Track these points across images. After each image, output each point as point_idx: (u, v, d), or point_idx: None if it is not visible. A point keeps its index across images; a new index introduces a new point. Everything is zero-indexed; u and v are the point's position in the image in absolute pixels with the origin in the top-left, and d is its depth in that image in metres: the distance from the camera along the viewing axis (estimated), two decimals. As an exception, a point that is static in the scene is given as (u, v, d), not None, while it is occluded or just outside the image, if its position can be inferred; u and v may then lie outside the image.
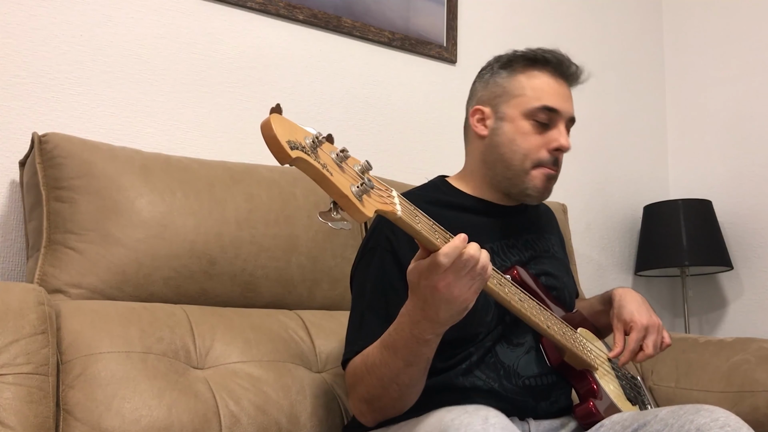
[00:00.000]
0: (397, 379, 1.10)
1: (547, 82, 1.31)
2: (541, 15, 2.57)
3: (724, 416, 1.03)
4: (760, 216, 2.57)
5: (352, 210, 0.84)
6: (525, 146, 1.29)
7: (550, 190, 1.32)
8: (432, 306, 1.00)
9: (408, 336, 1.05)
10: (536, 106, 1.28)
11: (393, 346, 1.08)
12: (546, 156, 1.29)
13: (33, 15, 1.62)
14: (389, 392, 1.12)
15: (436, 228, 0.98)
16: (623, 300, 1.35)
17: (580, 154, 2.60)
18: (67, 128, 1.58)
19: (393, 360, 1.08)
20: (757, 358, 1.75)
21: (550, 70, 1.31)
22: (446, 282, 0.97)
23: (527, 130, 1.29)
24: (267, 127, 0.78)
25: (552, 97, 1.29)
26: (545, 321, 1.19)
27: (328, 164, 0.83)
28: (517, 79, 1.32)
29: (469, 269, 0.97)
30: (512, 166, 1.30)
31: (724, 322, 2.65)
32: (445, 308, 1.00)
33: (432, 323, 1.02)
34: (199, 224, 1.47)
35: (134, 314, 1.33)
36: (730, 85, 2.70)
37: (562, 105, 1.30)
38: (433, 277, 0.97)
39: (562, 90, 1.32)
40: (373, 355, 1.12)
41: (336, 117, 2.04)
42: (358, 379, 1.16)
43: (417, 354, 1.07)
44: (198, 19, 1.84)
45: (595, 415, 1.23)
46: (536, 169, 1.29)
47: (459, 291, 0.98)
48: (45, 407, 1.14)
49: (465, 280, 0.98)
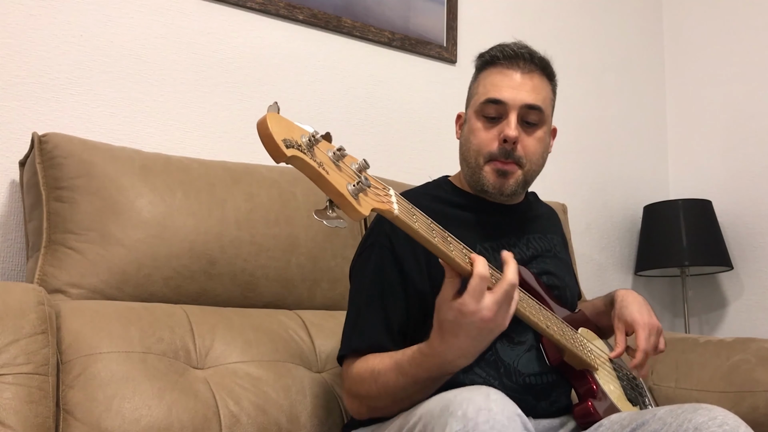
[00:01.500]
0: (411, 397, 1.11)
1: (495, 76, 1.29)
2: (541, 15, 2.57)
3: (722, 415, 1.03)
4: (760, 216, 2.57)
5: (348, 208, 0.84)
6: (476, 142, 1.29)
7: (510, 186, 1.28)
8: (475, 341, 1.02)
9: (436, 372, 1.07)
10: (482, 101, 1.29)
11: (414, 377, 1.09)
12: (496, 150, 1.27)
13: (33, 15, 1.62)
14: (400, 406, 1.13)
15: (434, 227, 0.98)
16: (625, 301, 1.36)
17: (580, 154, 2.61)
18: (67, 128, 1.58)
19: (412, 387, 1.10)
20: (757, 358, 1.75)
21: (501, 65, 1.30)
22: (492, 312, 0.99)
23: (478, 126, 1.29)
24: (263, 126, 0.78)
25: (496, 89, 1.28)
26: (544, 320, 1.19)
27: (325, 163, 0.83)
28: (476, 80, 1.34)
29: (510, 296, 1.01)
30: (470, 163, 1.31)
31: (724, 322, 2.64)
32: (488, 338, 1.03)
33: (468, 358, 1.05)
34: (199, 224, 1.47)
35: (134, 314, 1.33)
36: (730, 85, 2.70)
37: (508, 95, 1.26)
38: (481, 311, 0.99)
39: (512, 81, 1.28)
40: (386, 376, 1.12)
41: (336, 117, 2.04)
42: (366, 392, 1.16)
43: (441, 380, 1.09)
44: (198, 19, 1.84)
45: (594, 414, 1.23)
46: (488, 164, 1.28)
47: (501, 317, 1.01)
48: (45, 407, 1.14)
49: (505, 306, 1.01)
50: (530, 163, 1.29)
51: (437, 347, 1.04)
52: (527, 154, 1.28)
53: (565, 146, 2.55)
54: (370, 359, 1.16)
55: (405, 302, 1.22)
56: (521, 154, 1.27)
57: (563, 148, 2.54)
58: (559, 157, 2.51)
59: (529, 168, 1.29)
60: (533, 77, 1.29)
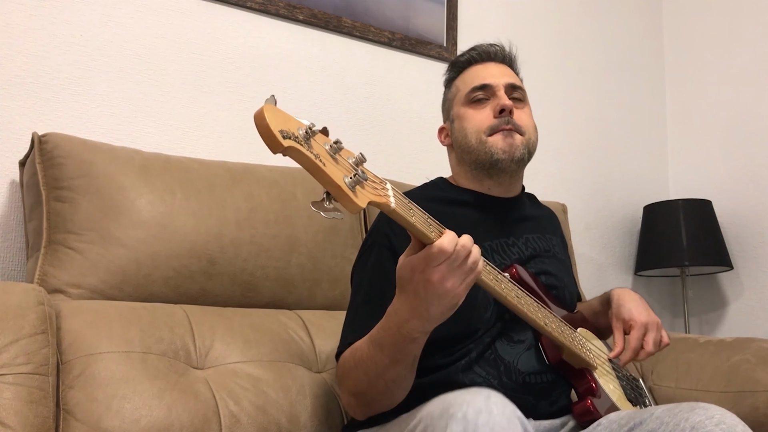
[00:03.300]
0: (383, 375, 1.11)
1: (472, 72, 1.40)
2: (541, 15, 2.57)
3: (720, 414, 1.03)
4: (760, 216, 2.57)
5: (345, 200, 0.84)
6: (473, 125, 1.35)
7: (516, 146, 1.32)
8: (423, 301, 1.00)
9: (395, 334, 1.06)
10: (467, 90, 1.37)
11: (380, 343, 1.09)
12: (495, 121, 1.33)
13: (33, 15, 1.62)
14: (376, 387, 1.13)
15: (431, 221, 0.99)
16: (621, 299, 1.36)
17: (580, 154, 2.61)
18: (67, 128, 1.58)
19: (380, 356, 1.09)
20: (757, 358, 1.75)
21: (475, 63, 1.40)
22: (440, 275, 0.97)
23: (470, 113, 1.36)
24: (260, 117, 0.78)
25: (479, 78, 1.37)
26: (543, 318, 1.19)
27: (321, 155, 0.83)
28: (453, 85, 1.43)
29: (461, 261, 0.98)
30: (472, 146, 1.34)
31: (724, 322, 2.64)
32: (436, 303, 1.00)
33: (421, 320, 1.03)
34: (199, 224, 1.47)
35: (134, 314, 1.33)
36: (730, 85, 2.70)
37: (491, 79, 1.36)
38: (427, 270, 0.97)
39: (490, 69, 1.38)
40: (360, 350, 1.14)
41: (336, 117, 2.04)
42: (347, 372, 1.18)
43: (404, 351, 1.08)
44: (198, 19, 1.84)
45: (593, 413, 1.23)
46: (491, 136, 1.33)
47: (452, 285, 0.98)
48: (45, 407, 1.14)
49: (458, 273, 0.98)
50: (528, 132, 1.35)
51: (395, 304, 1.05)
52: (523, 124, 1.34)
53: (565, 146, 2.55)
54: (354, 344, 1.18)
55: None
56: (518, 123, 1.33)
57: (563, 148, 2.54)
58: (559, 157, 2.52)
59: (528, 137, 1.35)
60: (506, 68, 1.41)
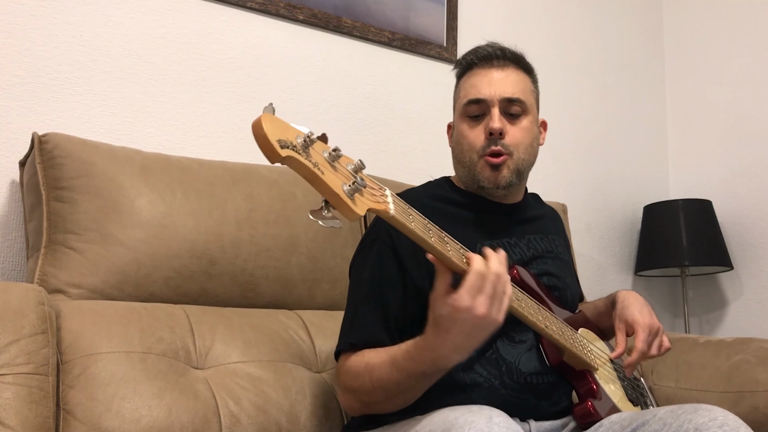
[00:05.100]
0: (405, 393, 1.12)
1: (473, 78, 1.35)
2: (541, 15, 2.57)
3: (723, 416, 1.03)
4: (760, 216, 2.57)
5: (343, 208, 0.85)
6: (466, 143, 1.33)
7: (504, 177, 1.30)
8: (469, 337, 1.01)
9: (430, 367, 1.07)
10: (464, 102, 1.34)
11: (408, 372, 1.09)
12: (485, 142, 1.31)
13: (33, 15, 1.62)
14: (392, 401, 1.14)
15: (430, 227, 0.99)
16: (626, 301, 1.36)
17: (580, 154, 2.61)
18: (67, 128, 1.58)
19: (406, 381, 1.10)
20: (757, 358, 1.75)
21: (476, 66, 1.36)
22: (485, 308, 0.99)
23: (465, 129, 1.33)
24: (257, 127, 0.78)
25: (475, 89, 1.33)
26: (543, 320, 1.19)
27: (320, 163, 0.83)
28: (458, 87, 1.40)
29: (496, 285, 1.00)
30: (464, 163, 1.34)
31: (724, 322, 2.65)
32: (479, 335, 1.02)
33: (462, 354, 1.04)
34: (199, 224, 1.47)
35: (134, 314, 1.33)
36: (730, 85, 2.70)
37: (487, 92, 1.31)
38: (474, 307, 0.98)
39: (489, 79, 1.33)
40: (380, 371, 1.12)
41: (336, 117, 2.04)
42: (357, 384, 1.16)
43: (436, 376, 1.10)
44: (198, 19, 1.84)
45: (594, 415, 1.23)
46: (481, 160, 1.31)
47: (495, 312, 1.00)
48: (45, 407, 1.14)
49: (496, 302, 1.00)
50: (518, 151, 1.31)
51: (431, 342, 1.04)
52: (515, 144, 1.31)
53: (565, 146, 2.55)
54: (365, 354, 1.17)
55: (403, 299, 1.22)
56: (508, 143, 1.30)
57: (563, 148, 2.54)
58: (559, 157, 2.52)
59: (518, 156, 1.31)
60: (509, 73, 1.33)
